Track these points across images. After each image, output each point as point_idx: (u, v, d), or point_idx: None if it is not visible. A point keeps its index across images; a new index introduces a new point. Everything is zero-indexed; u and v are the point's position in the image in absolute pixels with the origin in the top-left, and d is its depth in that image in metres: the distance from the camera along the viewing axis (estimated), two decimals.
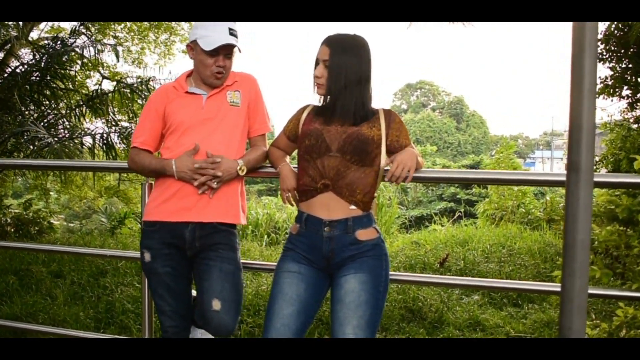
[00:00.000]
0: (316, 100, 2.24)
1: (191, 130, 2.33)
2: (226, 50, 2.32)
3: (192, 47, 2.36)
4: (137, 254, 2.43)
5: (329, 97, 2.17)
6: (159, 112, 2.40)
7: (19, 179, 13.84)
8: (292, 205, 2.25)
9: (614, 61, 7.35)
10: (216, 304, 2.24)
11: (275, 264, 2.23)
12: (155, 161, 2.36)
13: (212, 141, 2.32)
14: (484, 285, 2.78)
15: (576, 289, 1.03)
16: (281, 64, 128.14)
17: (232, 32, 2.30)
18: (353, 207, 2.08)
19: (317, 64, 2.17)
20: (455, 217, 12.21)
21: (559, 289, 2.38)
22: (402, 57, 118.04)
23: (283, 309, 2.03)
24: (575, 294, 1.03)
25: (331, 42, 2.13)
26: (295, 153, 2.34)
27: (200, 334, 2.42)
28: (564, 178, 1.31)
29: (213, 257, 2.29)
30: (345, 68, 2.09)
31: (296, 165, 2.25)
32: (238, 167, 2.30)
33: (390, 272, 2.15)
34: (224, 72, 2.35)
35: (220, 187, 2.31)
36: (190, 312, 2.40)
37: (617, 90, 7.46)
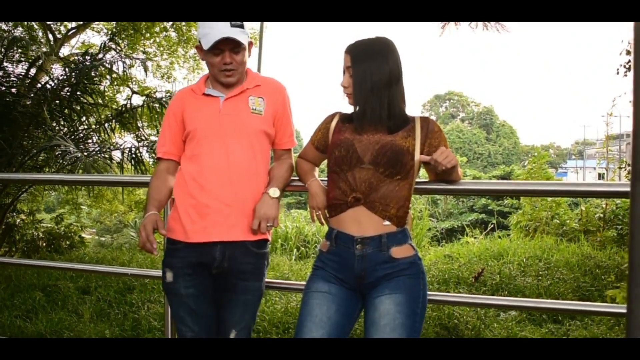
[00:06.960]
0: (344, 107, 2.13)
1: (210, 139, 2.18)
2: (231, 45, 2.14)
3: (200, 48, 2.23)
4: (159, 273, 2.31)
5: (358, 105, 2.05)
6: (178, 118, 2.27)
7: (52, 193, 14.04)
8: (322, 224, 2.12)
9: None
10: (232, 334, 2.19)
11: (304, 282, 2.10)
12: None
13: (236, 152, 2.17)
14: (531, 306, 2.61)
15: None
16: (309, 68, 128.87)
17: (235, 25, 2.11)
18: (387, 222, 1.94)
19: (344, 73, 2.08)
20: (488, 229, 11.94)
21: (616, 310, 2.21)
22: (430, 68, 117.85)
23: (312, 332, 1.89)
24: None
25: (351, 49, 2.04)
26: (324, 164, 2.22)
27: None
28: (627, 188, 1.16)
29: (239, 290, 2.18)
30: (369, 72, 1.97)
31: (325, 179, 2.13)
32: (271, 198, 2.15)
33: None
34: (234, 68, 2.19)
35: (249, 204, 2.16)
36: (212, 335, 2.28)
37: None
